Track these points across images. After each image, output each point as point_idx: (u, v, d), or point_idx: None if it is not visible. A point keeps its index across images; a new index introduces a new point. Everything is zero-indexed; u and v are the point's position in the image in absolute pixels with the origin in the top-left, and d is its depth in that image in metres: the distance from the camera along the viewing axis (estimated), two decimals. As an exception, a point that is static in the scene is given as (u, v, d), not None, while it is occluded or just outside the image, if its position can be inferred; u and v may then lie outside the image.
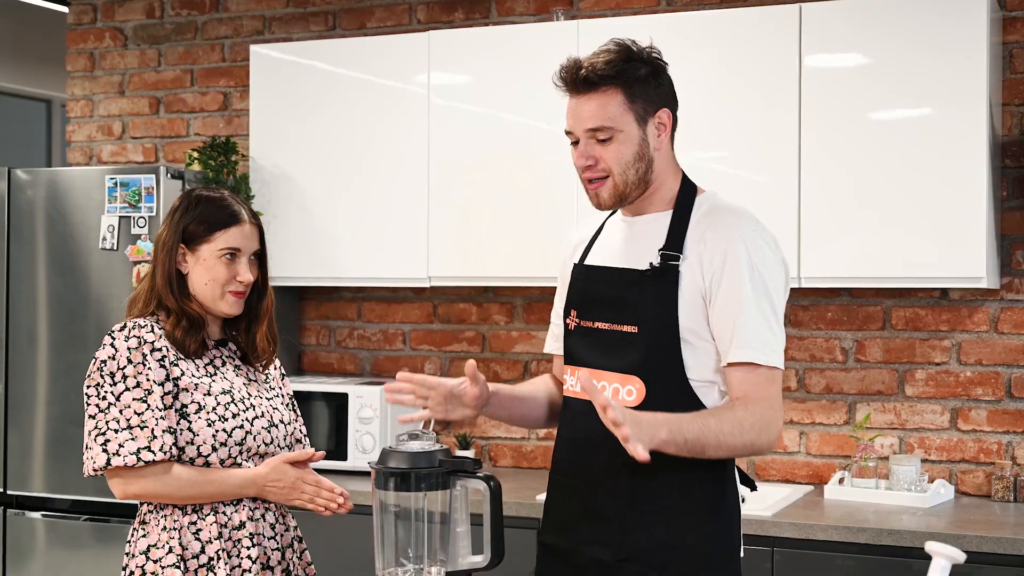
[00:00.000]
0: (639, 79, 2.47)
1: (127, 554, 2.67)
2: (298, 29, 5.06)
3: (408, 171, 4.42)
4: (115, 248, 4.34)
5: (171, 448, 2.58)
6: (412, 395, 2.51)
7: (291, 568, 2.78)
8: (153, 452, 2.56)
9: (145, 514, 2.68)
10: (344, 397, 4.44)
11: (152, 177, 4.32)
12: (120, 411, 2.58)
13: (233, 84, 5.17)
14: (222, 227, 2.70)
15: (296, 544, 2.81)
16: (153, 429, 2.57)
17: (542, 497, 3.91)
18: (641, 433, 2.18)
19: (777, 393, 2.41)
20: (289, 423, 2.82)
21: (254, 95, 4.68)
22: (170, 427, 2.59)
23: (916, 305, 4.16)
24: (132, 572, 2.63)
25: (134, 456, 2.56)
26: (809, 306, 4.28)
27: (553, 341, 2.75)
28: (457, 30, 4.49)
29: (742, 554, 2.55)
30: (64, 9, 5.54)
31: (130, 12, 5.34)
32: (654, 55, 2.52)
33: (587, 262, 2.62)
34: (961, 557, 1.88)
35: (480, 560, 2.40)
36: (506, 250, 4.28)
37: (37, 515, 4.48)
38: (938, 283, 3.88)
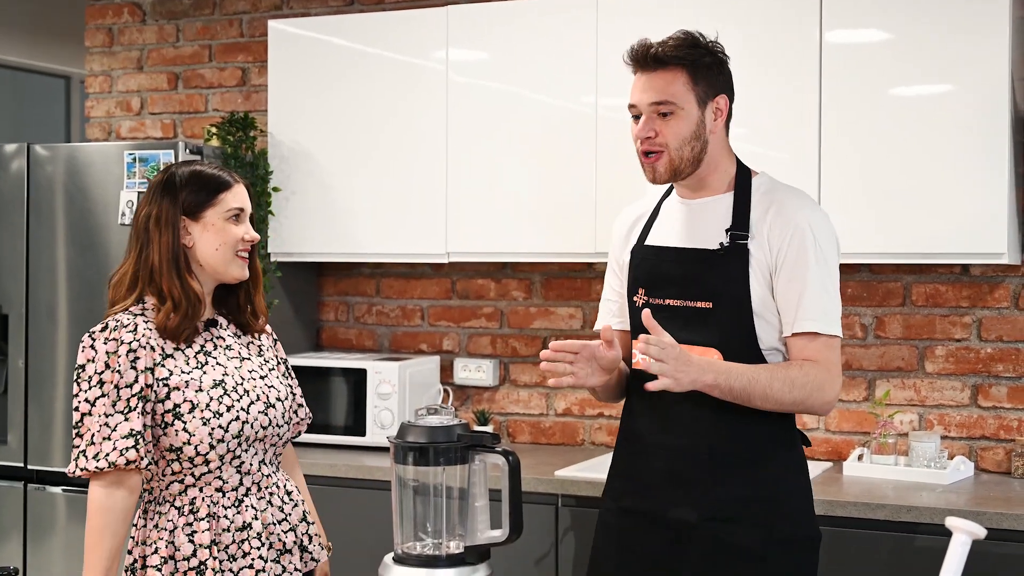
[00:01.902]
0: (703, 64, 2.69)
1: (131, 538, 2.64)
2: (316, 4, 5.04)
3: (426, 147, 4.42)
4: (135, 226, 4.34)
5: (119, 455, 2.49)
6: (563, 363, 2.63)
7: (306, 543, 2.77)
8: (91, 459, 2.51)
9: (147, 504, 2.65)
10: (362, 373, 4.45)
11: (171, 153, 4.32)
12: (96, 418, 2.51)
13: (251, 59, 5.17)
14: (225, 188, 2.67)
15: (308, 516, 2.80)
16: (93, 436, 2.50)
17: (561, 473, 3.95)
18: (686, 372, 2.48)
19: (836, 359, 2.65)
20: (286, 398, 2.77)
21: (272, 71, 4.67)
22: (131, 430, 2.50)
23: (937, 281, 4.14)
24: (135, 560, 2.61)
25: (73, 463, 2.52)
26: (829, 282, 4.26)
27: (610, 316, 2.92)
28: (476, 5, 4.47)
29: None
30: (82, -15, 5.54)
31: (148, -12, 5.35)
32: (717, 48, 2.74)
33: (650, 242, 2.80)
34: (982, 533, 1.87)
35: (499, 535, 2.40)
36: (524, 226, 4.27)
37: (57, 490, 4.50)
38: (959, 259, 3.86)
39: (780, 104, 3.94)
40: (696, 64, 2.68)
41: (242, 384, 2.68)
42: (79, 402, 2.53)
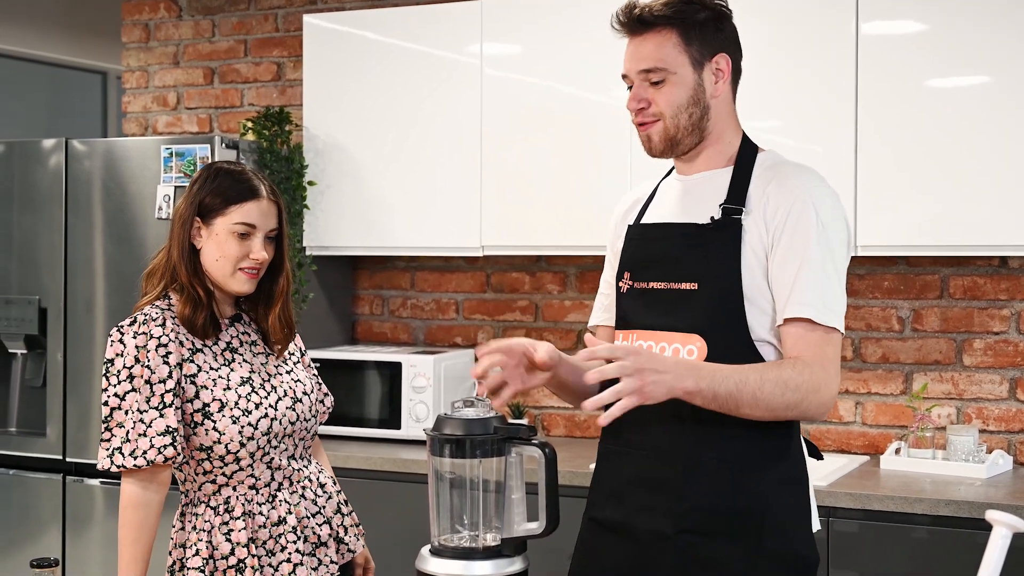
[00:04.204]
0: (697, 22, 2.39)
1: (171, 539, 2.67)
2: (351, -1, 5.06)
3: (461, 141, 4.42)
4: (170, 218, 4.36)
5: (156, 453, 2.51)
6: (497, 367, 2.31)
7: (342, 535, 2.78)
8: (128, 456, 2.51)
9: (183, 506, 2.67)
10: (397, 366, 4.45)
11: (207, 147, 4.34)
12: (125, 412, 2.53)
13: (287, 54, 5.18)
14: (238, 201, 2.62)
15: (343, 507, 2.81)
16: (129, 432, 2.51)
17: (595, 466, 3.93)
18: (659, 382, 2.16)
19: (834, 356, 2.30)
20: (312, 391, 2.78)
21: (307, 65, 4.69)
22: (167, 427, 2.52)
23: (975, 274, 4.11)
24: (174, 562, 2.64)
25: (108, 460, 2.52)
26: (865, 275, 4.24)
27: (602, 312, 2.67)
28: (510, -2, 4.48)
29: (816, 525, 2.43)
30: (119, -19, 5.57)
31: (184, -17, 5.37)
32: (716, 1, 2.44)
33: (643, 222, 2.54)
34: (1023, 526, 1.86)
35: (535, 527, 2.40)
36: (559, 219, 4.27)
37: (96, 482, 4.53)
38: (997, 251, 3.83)
39: (815, 96, 3.92)
40: (688, 22, 2.37)
41: (269, 380, 2.69)
42: (108, 396, 2.55)
